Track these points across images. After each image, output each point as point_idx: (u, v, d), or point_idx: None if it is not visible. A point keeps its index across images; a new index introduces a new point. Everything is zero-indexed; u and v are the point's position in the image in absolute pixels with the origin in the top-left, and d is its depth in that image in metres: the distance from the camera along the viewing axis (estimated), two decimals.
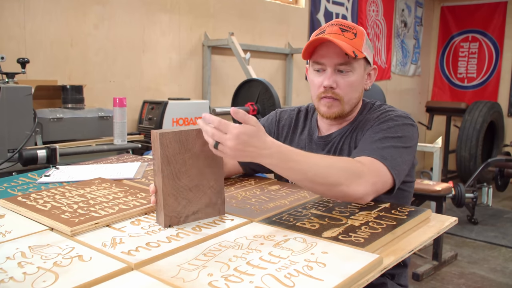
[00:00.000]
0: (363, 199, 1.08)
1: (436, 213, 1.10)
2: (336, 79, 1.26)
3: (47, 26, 2.70)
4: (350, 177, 1.04)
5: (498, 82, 6.23)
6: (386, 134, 1.21)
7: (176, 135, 0.98)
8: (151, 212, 1.09)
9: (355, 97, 1.31)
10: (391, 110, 1.30)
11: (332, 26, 1.26)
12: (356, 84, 1.29)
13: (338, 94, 1.28)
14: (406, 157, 1.20)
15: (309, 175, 1.01)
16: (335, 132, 1.36)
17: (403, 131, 1.22)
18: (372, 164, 1.12)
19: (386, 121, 1.25)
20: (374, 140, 1.20)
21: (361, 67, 1.29)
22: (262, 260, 0.80)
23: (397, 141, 1.20)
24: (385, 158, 1.14)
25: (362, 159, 1.14)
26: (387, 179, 1.13)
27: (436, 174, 3.75)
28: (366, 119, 1.32)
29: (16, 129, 1.97)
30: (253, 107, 3.15)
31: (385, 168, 1.13)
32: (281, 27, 4.26)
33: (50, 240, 0.91)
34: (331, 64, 1.26)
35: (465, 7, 6.42)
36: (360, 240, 0.89)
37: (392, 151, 1.17)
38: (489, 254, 3.51)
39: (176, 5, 3.38)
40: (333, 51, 1.24)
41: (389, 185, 1.15)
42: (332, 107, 1.29)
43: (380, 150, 1.16)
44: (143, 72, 3.23)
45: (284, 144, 1.45)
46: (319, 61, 1.27)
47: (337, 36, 1.23)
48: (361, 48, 1.25)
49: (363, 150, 1.18)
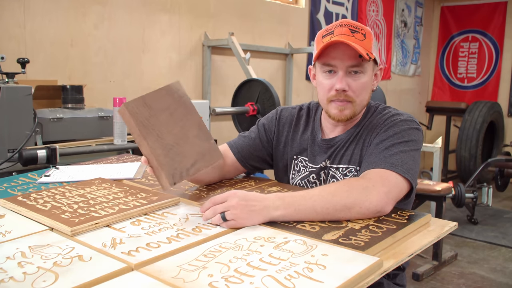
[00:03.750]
0: (383, 211, 1.07)
1: (436, 218, 1.11)
2: (348, 81, 1.24)
3: (47, 26, 2.70)
4: (358, 197, 1.05)
5: (498, 82, 6.23)
6: (393, 141, 1.21)
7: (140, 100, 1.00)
8: (151, 212, 1.09)
9: (366, 98, 1.30)
10: (396, 114, 1.29)
11: (341, 27, 1.23)
12: (367, 86, 1.27)
13: (350, 97, 1.25)
14: (417, 159, 1.21)
15: (318, 210, 1.02)
16: (339, 136, 1.35)
17: (409, 135, 1.22)
18: (380, 175, 1.12)
19: (392, 127, 1.25)
20: (382, 150, 1.20)
21: (370, 68, 1.27)
22: (263, 262, 0.80)
23: (405, 145, 1.20)
24: (395, 165, 1.14)
25: (367, 174, 1.15)
26: (401, 185, 1.13)
27: (436, 174, 3.75)
28: (372, 124, 1.31)
29: (16, 129, 1.97)
30: (253, 107, 3.15)
31: (395, 174, 1.13)
32: (281, 27, 4.25)
33: (50, 240, 0.91)
34: (343, 67, 1.24)
35: (465, 7, 6.42)
36: (360, 243, 0.89)
37: (401, 156, 1.17)
38: (489, 254, 3.51)
39: (176, 5, 3.38)
40: (345, 53, 1.22)
41: (405, 189, 1.15)
42: (345, 110, 1.27)
43: (388, 158, 1.16)
44: (143, 72, 3.23)
45: (285, 146, 1.47)
46: (330, 63, 1.25)
47: (348, 38, 1.21)
48: (371, 49, 1.24)
49: (370, 163, 1.19)
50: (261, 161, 1.48)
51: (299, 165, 1.41)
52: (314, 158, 1.37)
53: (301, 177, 1.40)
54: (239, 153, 1.43)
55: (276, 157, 1.47)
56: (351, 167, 1.31)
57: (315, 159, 1.37)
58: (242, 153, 1.43)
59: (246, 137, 1.47)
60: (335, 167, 1.33)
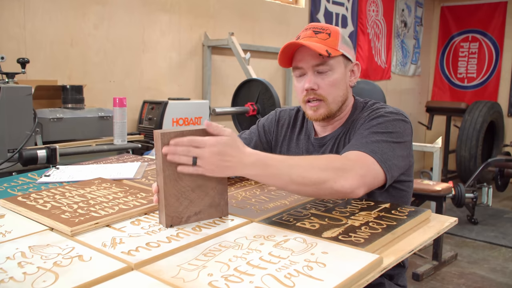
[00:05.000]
0: (354, 193, 1.05)
1: (436, 213, 1.10)
2: (316, 80, 1.28)
3: (47, 26, 2.70)
4: (335, 173, 1.03)
5: (498, 82, 6.23)
6: (376, 130, 1.20)
7: (178, 135, 0.97)
8: (151, 212, 1.09)
9: (340, 95, 1.31)
10: (382, 107, 1.30)
11: (306, 31, 1.30)
12: (337, 82, 1.29)
13: (320, 95, 1.29)
14: (399, 152, 1.19)
15: (293, 177, 1.00)
16: (329, 134, 1.37)
17: (394, 126, 1.22)
18: (359, 158, 1.11)
19: (376, 118, 1.25)
20: (364, 136, 1.20)
21: (340, 65, 1.29)
22: (262, 260, 0.80)
23: (387, 136, 1.19)
24: (374, 152, 1.13)
25: (349, 154, 1.14)
26: (377, 173, 1.12)
27: (436, 174, 3.75)
28: (359, 118, 1.32)
29: (16, 129, 1.97)
30: (253, 107, 3.15)
31: (374, 161, 1.12)
32: (281, 27, 4.26)
33: (50, 240, 0.91)
34: (308, 67, 1.28)
35: (465, 7, 6.42)
36: (360, 240, 0.89)
37: (382, 145, 1.16)
38: (489, 254, 3.51)
39: (176, 5, 3.38)
40: (308, 54, 1.26)
41: (380, 179, 1.13)
42: (318, 109, 1.30)
43: (369, 144, 1.15)
44: (143, 72, 3.23)
45: (283, 146, 1.47)
46: (297, 65, 1.30)
47: (310, 39, 1.25)
48: (337, 46, 1.27)
49: (351, 146, 1.18)
50: None
51: None
52: None
53: None
54: None
55: None
56: None
57: None
58: None
59: (247, 138, 1.49)
60: None
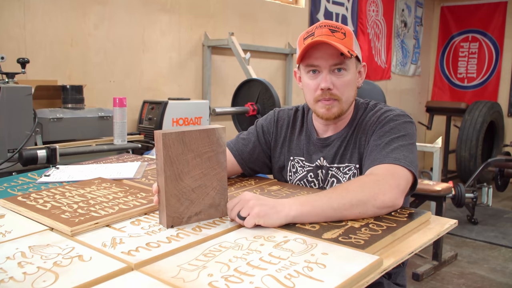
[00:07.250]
0: (395, 205, 1.09)
1: (436, 216, 1.11)
2: (332, 79, 1.27)
3: (47, 26, 2.70)
4: (372, 191, 1.05)
5: (498, 82, 6.22)
6: (391, 136, 1.23)
7: (180, 136, 0.97)
8: (151, 212, 1.09)
9: (352, 95, 1.32)
10: (388, 110, 1.32)
11: (321, 28, 1.27)
12: (351, 83, 1.30)
13: (335, 95, 1.28)
14: (415, 151, 1.24)
15: (335, 206, 1.02)
16: (333, 135, 1.37)
17: (405, 129, 1.26)
18: (387, 170, 1.14)
19: (387, 123, 1.27)
20: (382, 146, 1.22)
21: (353, 65, 1.31)
22: (262, 261, 0.80)
23: (402, 139, 1.23)
24: (398, 159, 1.17)
25: (375, 169, 1.17)
26: (408, 178, 1.16)
27: (436, 174, 3.75)
28: (365, 122, 1.33)
29: (16, 129, 1.97)
30: (253, 107, 3.15)
31: (401, 168, 1.15)
32: (281, 27, 4.25)
33: (50, 240, 0.91)
34: (326, 66, 1.27)
35: (465, 7, 6.42)
36: (360, 241, 0.89)
37: (401, 150, 1.19)
38: (489, 254, 3.51)
39: (176, 5, 3.38)
40: (327, 52, 1.25)
41: (411, 181, 1.18)
42: (332, 108, 1.29)
43: (390, 153, 1.19)
44: (143, 72, 3.23)
45: (282, 147, 1.47)
46: (314, 63, 1.28)
47: (329, 37, 1.25)
48: (352, 47, 1.27)
49: (374, 160, 1.21)
50: (261, 164, 1.48)
51: (295, 166, 1.41)
52: (310, 157, 1.39)
53: (298, 177, 1.41)
54: (239, 156, 1.44)
55: (274, 159, 1.48)
56: (351, 166, 1.33)
57: (311, 158, 1.39)
58: (242, 156, 1.44)
59: (246, 139, 1.48)
60: (335, 166, 1.34)
